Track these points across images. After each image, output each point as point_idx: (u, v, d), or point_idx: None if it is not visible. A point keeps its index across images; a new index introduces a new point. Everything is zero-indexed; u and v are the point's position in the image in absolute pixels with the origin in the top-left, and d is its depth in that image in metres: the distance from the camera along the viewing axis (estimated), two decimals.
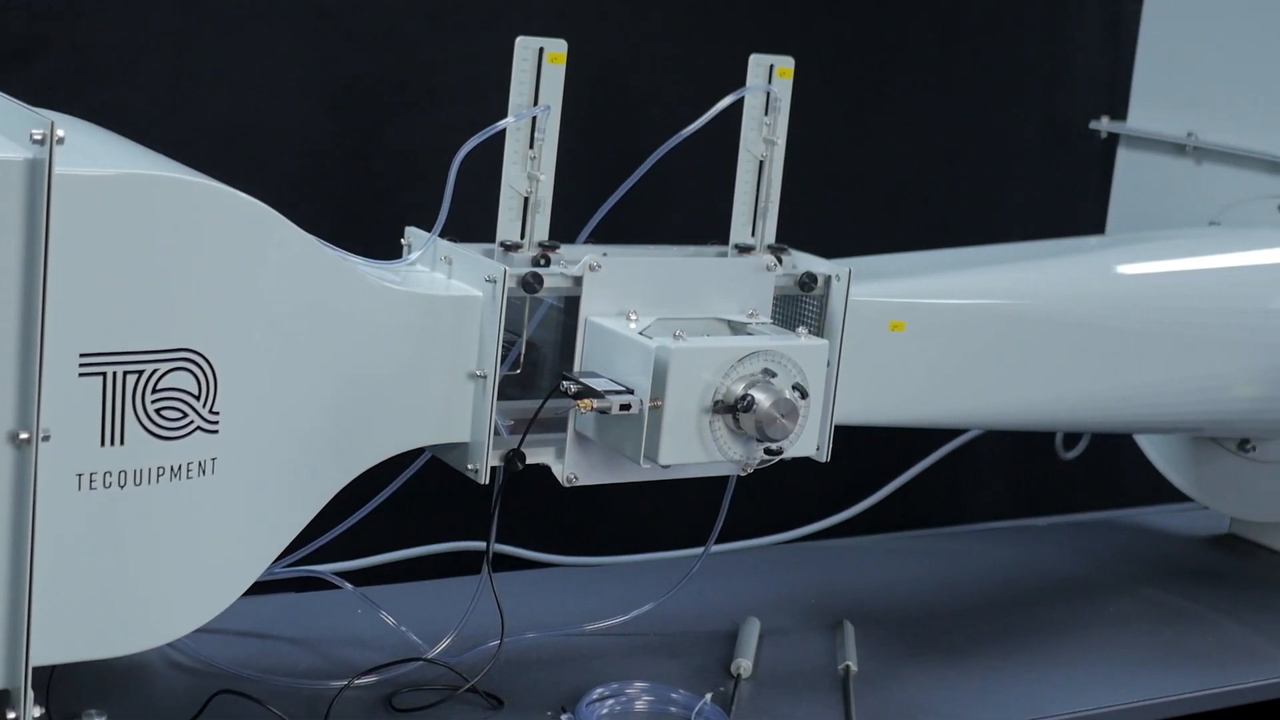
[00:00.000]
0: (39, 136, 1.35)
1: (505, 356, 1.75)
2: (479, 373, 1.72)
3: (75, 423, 1.42)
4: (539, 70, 1.77)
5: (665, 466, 1.73)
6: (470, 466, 1.75)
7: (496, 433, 1.74)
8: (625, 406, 1.69)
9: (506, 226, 1.79)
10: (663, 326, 1.76)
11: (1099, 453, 2.84)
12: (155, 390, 1.45)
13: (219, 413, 1.50)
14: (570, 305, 1.79)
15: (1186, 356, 2.28)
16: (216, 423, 1.50)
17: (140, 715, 1.75)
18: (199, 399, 1.48)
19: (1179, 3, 2.59)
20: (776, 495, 2.58)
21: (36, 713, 1.45)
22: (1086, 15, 3.04)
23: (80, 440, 1.42)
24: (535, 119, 1.77)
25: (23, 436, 1.39)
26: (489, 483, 1.75)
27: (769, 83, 1.90)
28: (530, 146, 1.78)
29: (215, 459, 1.51)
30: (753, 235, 1.93)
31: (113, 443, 1.44)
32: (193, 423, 1.48)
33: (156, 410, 1.46)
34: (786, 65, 1.90)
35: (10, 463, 1.40)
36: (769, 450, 1.77)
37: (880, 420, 2.05)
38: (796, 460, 1.85)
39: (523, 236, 1.80)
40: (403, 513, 2.06)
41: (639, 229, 2.00)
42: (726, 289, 1.84)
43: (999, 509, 3.08)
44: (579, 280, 1.76)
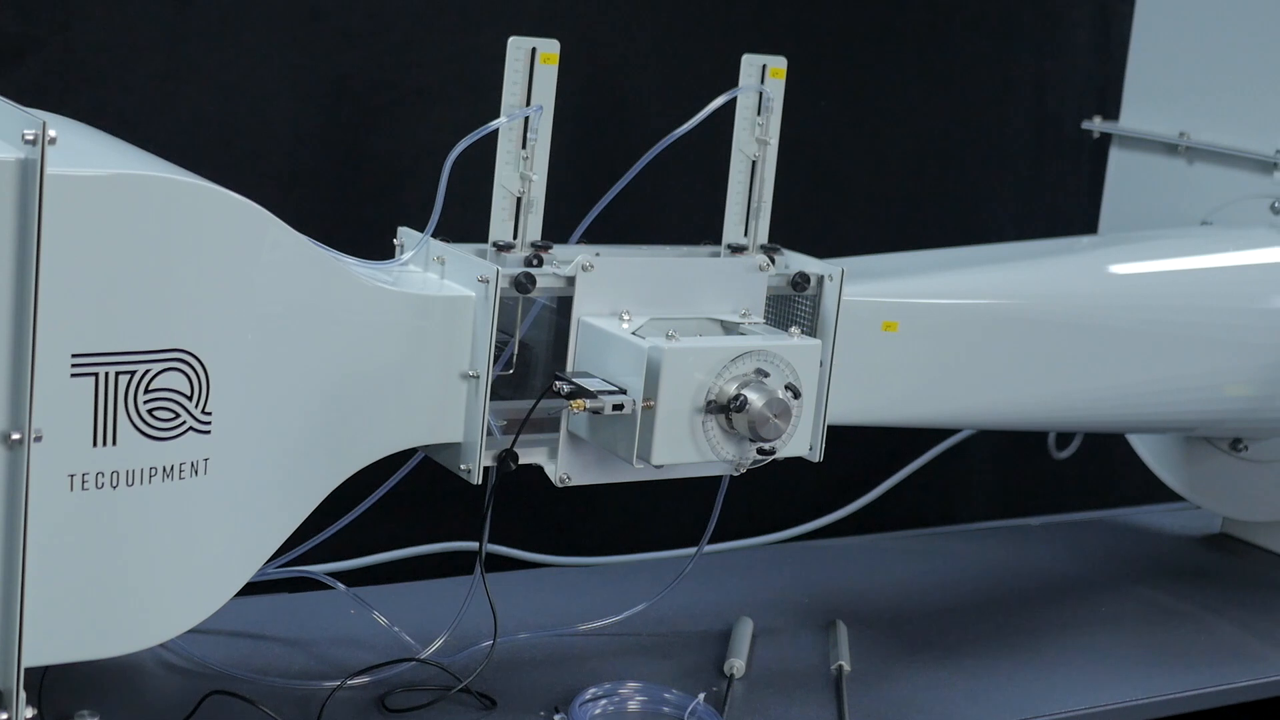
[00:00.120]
0: (31, 137, 1.35)
1: (498, 357, 1.75)
2: (472, 373, 1.72)
3: (67, 423, 1.41)
4: (531, 70, 1.77)
5: (658, 467, 1.73)
6: (463, 467, 1.75)
7: (489, 433, 1.74)
8: (618, 406, 1.69)
9: (499, 226, 1.79)
10: (655, 326, 1.76)
11: (1091, 452, 2.85)
12: (147, 390, 1.45)
13: (211, 413, 1.50)
14: (563, 305, 1.79)
15: (1179, 356, 2.28)
16: (209, 423, 1.50)
17: (133, 716, 1.74)
18: (191, 399, 1.48)
19: (1171, 3, 2.59)
20: (770, 495, 2.58)
21: (29, 713, 1.45)
22: (1078, 15, 3.04)
23: (72, 441, 1.42)
24: (528, 119, 1.77)
25: (14, 437, 1.39)
26: (482, 483, 1.75)
27: (761, 83, 1.90)
28: (523, 147, 1.78)
29: (207, 459, 1.51)
30: (745, 235, 1.93)
31: (105, 443, 1.44)
32: (185, 423, 1.48)
33: (149, 410, 1.46)
34: (779, 65, 1.90)
35: (2, 463, 1.40)
36: (762, 450, 1.77)
37: (873, 420, 2.05)
38: (789, 460, 1.85)
39: (515, 236, 1.80)
40: (395, 513, 2.06)
41: (632, 229, 2.00)
42: (719, 289, 1.84)
43: (991, 509, 3.08)
44: (572, 280, 1.76)
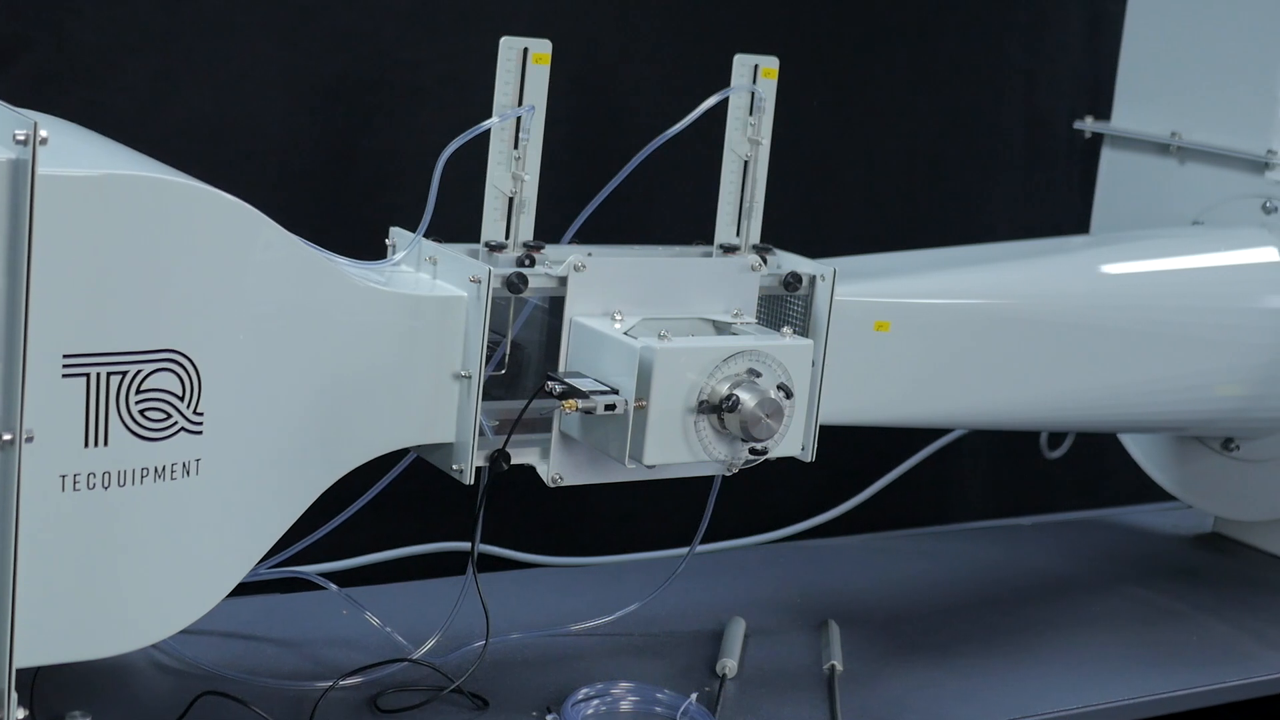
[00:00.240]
0: (22, 137, 1.35)
1: (490, 357, 1.75)
2: (464, 373, 1.72)
3: (59, 424, 1.41)
4: (523, 70, 1.77)
5: (650, 467, 1.73)
6: (455, 467, 1.75)
7: (481, 433, 1.74)
8: (610, 407, 1.69)
9: (491, 227, 1.79)
10: (647, 326, 1.76)
11: (1083, 452, 2.85)
12: (139, 391, 1.45)
13: (203, 413, 1.50)
14: (555, 305, 1.79)
15: (1170, 356, 2.29)
16: (200, 423, 1.50)
17: (125, 717, 1.74)
18: (183, 400, 1.48)
19: (1163, 2, 2.59)
20: (762, 495, 2.58)
21: (21, 714, 1.45)
22: (1070, 15, 3.04)
23: (64, 441, 1.42)
24: (520, 119, 1.77)
25: (6, 437, 1.38)
26: (474, 483, 1.75)
27: (753, 83, 1.90)
28: (515, 147, 1.78)
29: (199, 460, 1.51)
30: (737, 235, 1.93)
31: (96, 444, 1.44)
32: (177, 423, 1.48)
33: (140, 411, 1.45)
34: (771, 65, 1.90)
35: None
36: (754, 450, 1.77)
37: (865, 420, 2.05)
38: (781, 460, 1.85)
39: (507, 237, 1.80)
40: (387, 513, 2.06)
41: (624, 229, 2.00)
42: (711, 289, 1.84)
43: (984, 508, 3.08)
44: (564, 280, 1.76)
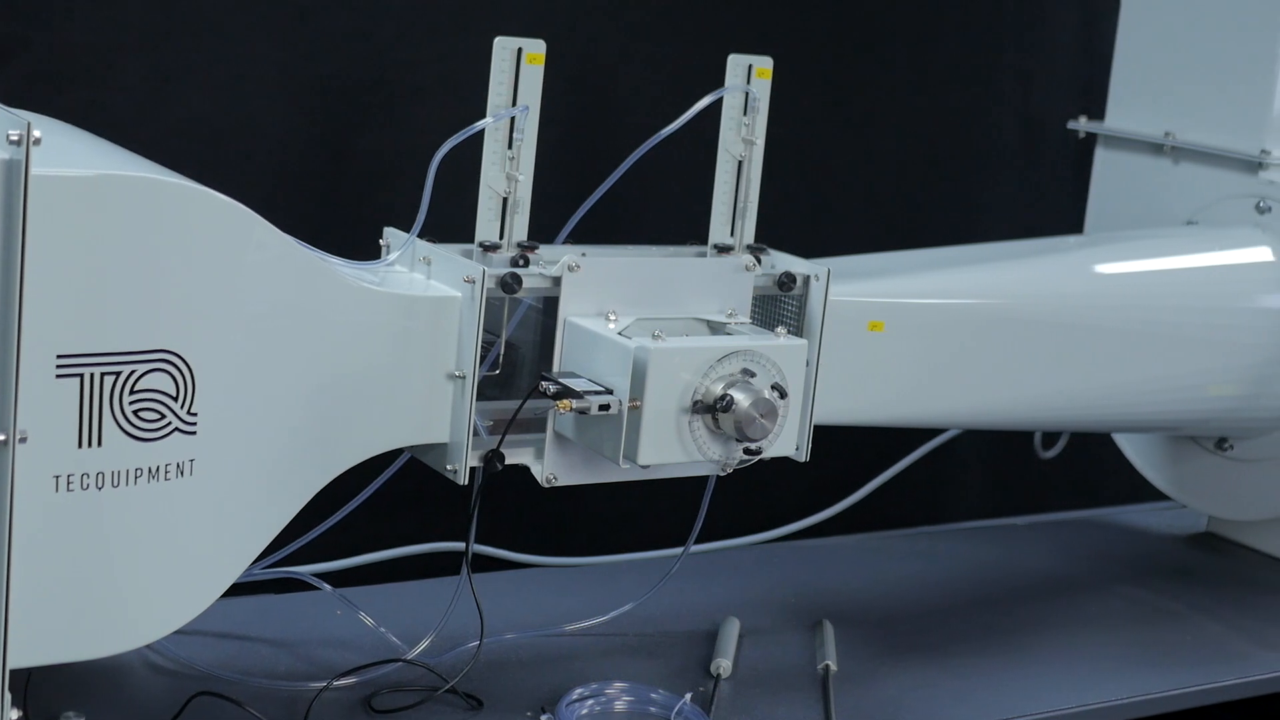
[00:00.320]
0: (15, 137, 1.35)
1: (484, 357, 1.75)
2: (458, 373, 1.72)
3: (52, 424, 1.41)
4: (517, 70, 1.76)
5: (644, 467, 1.73)
6: (449, 467, 1.75)
7: (475, 433, 1.74)
8: (604, 407, 1.69)
9: (485, 227, 1.79)
10: (642, 326, 1.76)
11: (1078, 452, 2.85)
12: (133, 391, 1.45)
13: (197, 414, 1.50)
14: (549, 305, 1.79)
15: (1164, 355, 2.29)
16: (194, 424, 1.50)
17: (119, 717, 1.74)
18: (177, 400, 1.48)
19: (1156, 2, 2.59)
20: (756, 495, 2.58)
21: (15, 715, 1.45)
22: (1064, 15, 3.04)
23: (57, 442, 1.42)
24: (514, 119, 1.77)
25: None
26: (468, 483, 1.75)
27: (747, 83, 1.90)
28: (509, 147, 1.77)
29: (193, 460, 1.50)
30: (732, 235, 1.93)
31: (90, 444, 1.43)
32: (170, 424, 1.48)
33: (134, 411, 1.45)
34: (765, 65, 1.90)
35: None
36: (748, 450, 1.77)
37: (859, 420, 2.05)
38: (776, 460, 1.85)
39: (501, 237, 1.79)
40: (382, 514, 2.05)
41: (618, 229, 2.00)
42: (705, 289, 1.84)
43: (978, 508, 3.08)
44: (558, 280, 1.76)
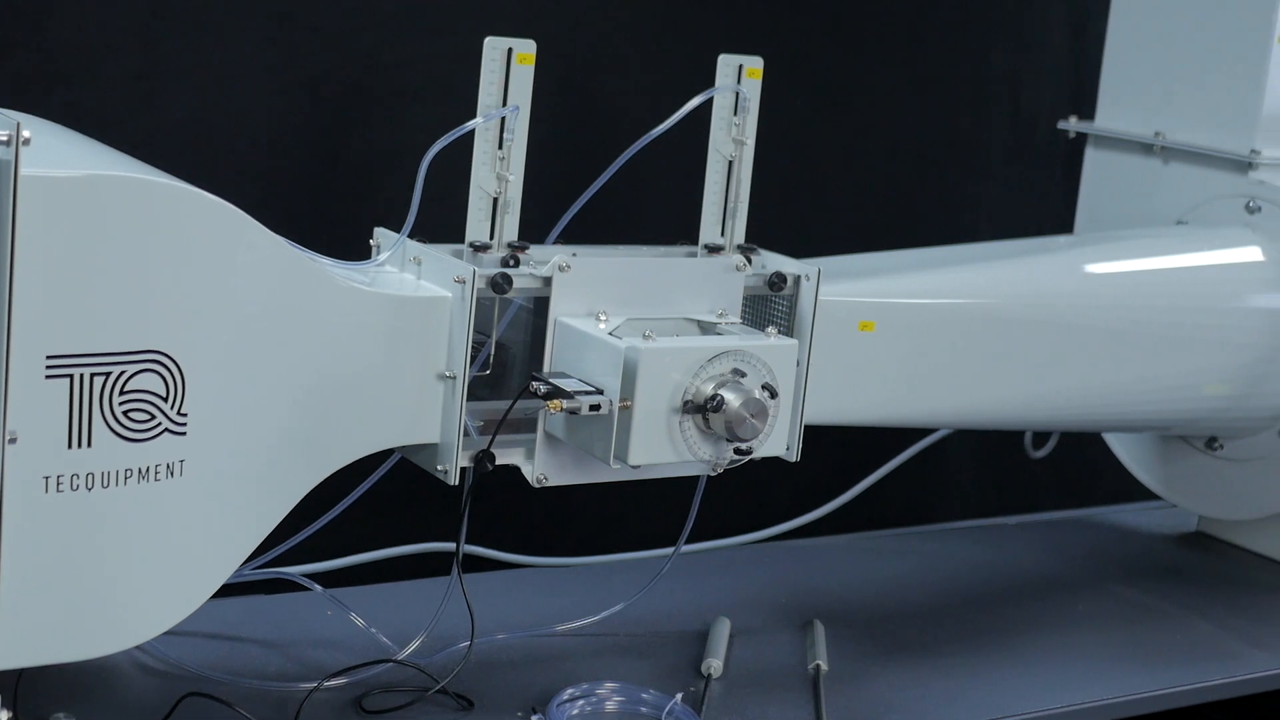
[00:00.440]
0: (4, 137, 1.34)
1: (475, 357, 1.75)
2: (448, 373, 1.72)
3: (42, 425, 1.41)
4: (508, 70, 1.76)
5: (635, 467, 1.73)
6: (440, 467, 1.75)
7: (466, 433, 1.74)
8: (595, 407, 1.69)
9: (475, 227, 1.79)
10: (632, 327, 1.76)
11: (1068, 451, 2.85)
12: (123, 392, 1.45)
13: (187, 414, 1.50)
14: (540, 306, 1.79)
15: (1154, 355, 2.29)
16: (184, 424, 1.50)
17: (109, 718, 1.74)
18: (167, 401, 1.48)
19: (1146, 2, 2.60)
20: (746, 495, 2.58)
21: (4, 716, 1.44)
22: (1053, 15, 3.05)
23: (47, 442, 1.42)
24: (504, 119, 1.77)
25: None
26: (459, 483, 1.75)
27: (738, 83, 1.90)
28: (499, 147, 1.77)
29: (183, 461, 1.50)
30: (722, 235, 1.93)
31: (80, 445, 1.43)
32: (160, 424, 1.48)
33: (124, 412, 1.45)
34: (755, 65, 1.90)
35: None
36: (739, 450, 1.77)
37: (850, 420, 2.05)
38: (766, 460, 1.85)
39: (492, 237, 1.79)
40: (372, 514, 2.05)
41: (608, 229, 1.99)
42: (696, 289, 1.84)
43: (968, 508, 3.08)
44: (548, 281, 1.76)
